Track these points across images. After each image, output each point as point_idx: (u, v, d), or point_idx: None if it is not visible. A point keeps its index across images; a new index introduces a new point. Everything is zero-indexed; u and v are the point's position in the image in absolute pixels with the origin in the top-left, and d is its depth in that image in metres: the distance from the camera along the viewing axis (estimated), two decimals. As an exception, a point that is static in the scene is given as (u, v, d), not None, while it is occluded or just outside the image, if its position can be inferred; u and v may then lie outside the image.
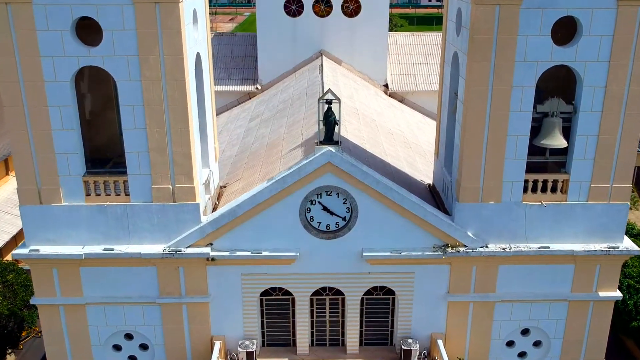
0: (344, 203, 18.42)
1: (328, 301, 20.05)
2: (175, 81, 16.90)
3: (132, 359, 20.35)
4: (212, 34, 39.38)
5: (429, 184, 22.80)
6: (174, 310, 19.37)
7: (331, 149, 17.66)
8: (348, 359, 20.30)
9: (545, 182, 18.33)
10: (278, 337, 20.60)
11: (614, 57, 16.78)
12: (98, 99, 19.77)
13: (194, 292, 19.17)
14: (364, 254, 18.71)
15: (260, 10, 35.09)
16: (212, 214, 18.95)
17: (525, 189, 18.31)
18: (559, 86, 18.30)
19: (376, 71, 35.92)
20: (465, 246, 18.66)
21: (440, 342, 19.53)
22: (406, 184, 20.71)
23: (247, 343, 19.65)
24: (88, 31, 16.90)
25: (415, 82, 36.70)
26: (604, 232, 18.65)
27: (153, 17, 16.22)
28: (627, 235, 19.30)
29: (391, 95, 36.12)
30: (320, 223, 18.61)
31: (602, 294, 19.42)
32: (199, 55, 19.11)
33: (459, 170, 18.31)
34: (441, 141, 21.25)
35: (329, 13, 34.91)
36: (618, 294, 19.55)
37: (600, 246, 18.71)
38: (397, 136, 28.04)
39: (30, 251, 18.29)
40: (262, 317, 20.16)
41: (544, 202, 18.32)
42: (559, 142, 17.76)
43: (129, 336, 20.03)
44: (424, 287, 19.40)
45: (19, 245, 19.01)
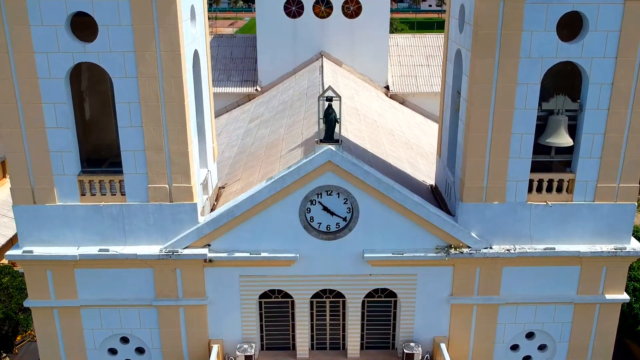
0: (344, 203, 18.05)
1: (328, 304, 19.67)
2: (172, 78, 16.53)
3: (128, 363, 19.94)
4: (211, 35, 39.23)
5: (430, 185, 22.44)
6: (171, 313, 18.97)
7: (331, 147, 17.29)
8: (349, 363, 19.90)
9: (550, 181, 17.94)
10: (277, 341, 20.20)
11: (621, 54, 16.40)
12: (94, 97, 19.44)
13: (191, 295, 18.77)
14: (365, 255, 18.32)
15: (260, 11, 34.82)
16: (210, 214, 18.56)
17: (530, 189, 17.92)
18: (564, 83, 17.94)
19: (377, 73, 35.63)
20: (469, 247, 18.27)
21: (443, 346, 19.12)
22: (408, 184, 20.32)
23: (246, 347, 19.28)
24: (83, 27, 16.56)
25: (416, 83, 36.40)
26: (610, 233, 18.25)
27: (149, 12, 15.87)
28: (634, 237, 18.88)
29: (392, 97, 35.82)
30: (321, 223, 18.22)
31: (608, 296, 19.01)
32: (196, 53, 18.77)
33: (463, 170, 17.93)
34: (443, 141, 20.89)
35: (329, 14, 34.65)
36: (625, 296, 19.13)
37: (606, 247, 18.31)
38: (399, 137, 27.69)
39: (24, 252, 17.89)
40: (260, 320, 19.76)
41: (549, 202, 17.93)
42: (564, 140, 17.38)
43: (124, 339, 19.63)
44: (427, 290, 19.00)
45: (13, 246, 18.60)
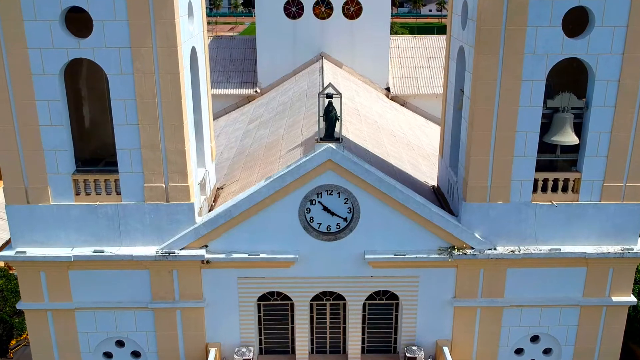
0: (345, 203, 17.66)
1: (328, 306, 19.25)
2: (169, 74, 16.17)
3: (124, 367, 19.49)
4: (211, 37, 38.95)
5: (433, 186, 22.06)
6: (168, 316, 18.55)
7: (332, 145, 16.92)
8: (349, 367, 19.49)
9: (555, 181, 17.57)
10: (276, 344, 19.77)
11: (628, 50, 16.02)
12: (92, 96, 19.11)
13: (188, 297, 18.35)
14: (366, 257, 17.92)
15: (260, 12, 34.51)
16: (208, 214, 18.16)
17: (535, 189, 17.54)
18: (569, 81, 17.58)
19: (377, 74, 35.29)
20: (473, 248, 17.87)
21: (446, 350, 18.71)
22: (409, 185, 19.92)
23: (244, 350, 18.87)
24: (78, 23, 16.22)
25: (417, 85, 36.05)
26: (617, 233, 17.86)
27: (146, 7, 15.53)
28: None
29: (393, 99, 35.48)
30: (321, 224, 17.83)
31: (615, 298, 18.61)
32: (194, 50, 18.41)
33: (466, 169, 17.54)
34: (446, 140, 20.51)
35: (329, 15, 34.35)
36: (632, 299, 18.72)
37: (613, 248, 17.92)
38: (400, 138, 27.32)
39: (17, 253, 17.50)
40: (259, 323, 19.33)
41: (554, 202, 17.54)
42: (570, 138, 17.00)
43: (120, 343, 19.20)
44: (429, 292, 18.59)
45: (6, 247, 18.21)
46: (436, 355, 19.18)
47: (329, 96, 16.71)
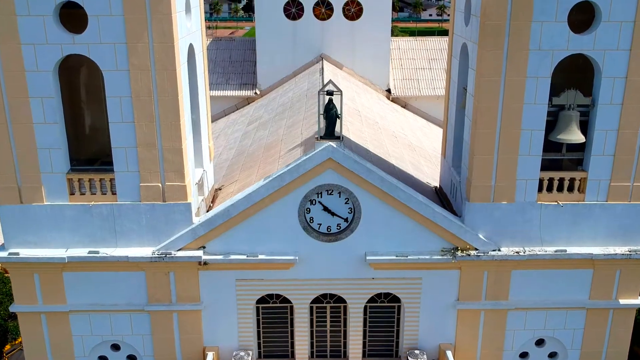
0: (346, 203, 17.26)
1: (329, 309, 18.81)
2: (166, 71, 15.82)
3: (120, 371, 19.07)
4: (210, 39, 38.63)
5: (435, 187, 21.68)
6: (164, 319, 18.13)
7: (332, 144, 16.53)
8: (350, 371, 19.07)
9: (561, 180, 17.17)
10: (275, 348, 19.32)
11: (635, 45, 15.64)
12: (86, 94, 18.73)
13: (185, 299, 17.94)
14: (368, 258, 17.50)
15: (260, 13, 34.19)
16: (205, 214, 17.77)
17: (540, 188, 17.14)
18: (575, 78, 17.18)
19: (378, 76, 34.95)
20: (476, 249, 17.46)
21: (449, 354, 18.27)
22: (411, 185, 19.50)
23: (242, 354, 18.46)
24: (73, 20, 15.87)
25: (418, 87, 35.71)
26: (624, 234, 17.45)
27: (142, 1, 15.21)
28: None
29: (394, 100, 35.13)
30: (321, 224, 17.43)
31: (622, 301, 18.18)
32: (192, 47, 18.06)
33: (469, 168, 17.15)
34: (449, 139, 20.13)
35: (329, 16, 34.02)
36: (640, 301, 18.34)
37: (620, 250, 17.51)
38: (401, 139, 26.96)
39: (10, 254, 17.09)
40: (258, 326, 18.89)
41: (560, 202, 17.14)
42: (576, 137, 16.61)
43: (115, 347, 18.78)
44: (432, 294, 18.17)
45: (-2, 248, 17.81)
46: (439, 359, 18.74)
47: (330, 93, 16.36)
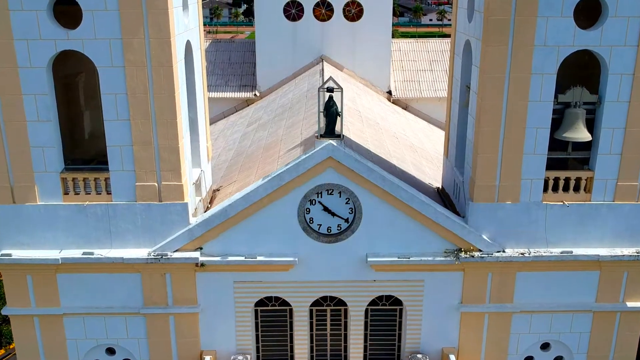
0: (346, 203, 16.88)
1: (329, 312, 18.41)
2: (162, 67, 15.46)
3: (115, 376, 18.65)
4: (209, 41, 38.35)
5: (437, 188, 21.29)
6: (160, 322, 17.73)
7: (333, 142, 16.16)
8: (351, 376, 18.64)
9: (567, 180, 16.79)
10: (274, 352, 18.91)
11: (643, 41, 15.34)
12: (82, 91, 18.41)
13: (182, 302, 17.53)
14: (369, 260, 17.11)
15: (259, 14, 33.88)
16: (202, 214, 17.38)
17: (546, 188, 16.76)
18: (581, 74, 16.84)
19: (379, 77, 34.57)
20: (480, 251, 17.06)
21: (452, 358, 17.87)
22: (413, 186, 19.11)
23: (240, 358, 18.05)
24: (67, 14, 15.52)
25: (419, 88, 35.34)
26: (632, 235, 17.05)
27: (137, -5, 14.87)
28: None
29: (394, 102, 34.76)
30: (321, 225, 17.04)
31: (630, 304, 17.76)
32: (189, 45, 17.71)
33: (473, 168, 16.77)
34: (451, 139, 19.75)
35: (330, 17, 33.68)
36: (648, 304, 17.90)
37: (628, 251, 17.10)
38: (403, 140, 26.59)
39: (2, 255, 16.68)
40: (256, 329, 18.49)
41: (566, 202, 16.75)
42: (582, 135, 16.22)
43: (110, 351, 18.36)
44: (435, 297, 17.76)
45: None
46: (442, 363, 18.37)
47: (330, 90, 16.00)
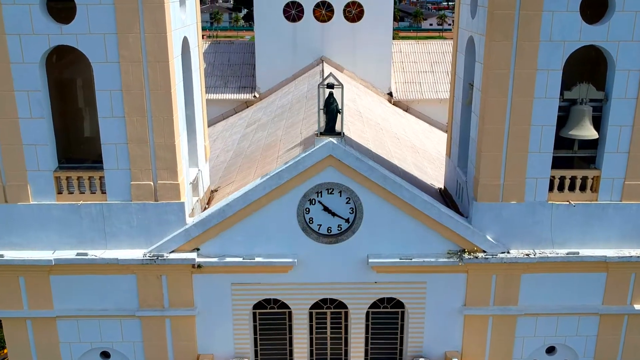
0: (347, 203, 16.47)
1: (329, 315, 17.99)
2: (158, 63, 15.07)
3: (110, 380, 18.23)
4: (208, 42, 38.01)
5: (439, 188, 20.89)
6: (156, 325, 17.31)
7: (333, 140, 15.77)
8: (352, 380, 18.20)
9: (573, 179, 16.39)
10: (273, 356, 18.49)
11: (651, 36, 14.98)
12: (77, 89, 18.04)
13: (179, 304, 17.12)
14: (370, 261, 16.70)
15: (259, 15, 33.55)
16: (199, 214, 16.97)
17: (551, 187, 16.36)
18: (588, 71, 16.47)
19: (380, 79, 34.21)
20: (484, 252, 16.64)
21: (455, 362, 17.47)
22: (415, 186, 18.72)
23: (238, 362, 17.65)
24: (61, 9, 15.19)
25: (420, 90, 34.98)
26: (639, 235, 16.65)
27: (133, -11, 14.52)
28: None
29: (395, 104, 34.40)
30: (321, 225, 16.63)
31: (637, 306, 17.31)
32: (186, 41, 17.34)
33: (477, 166, 16.37)
34: (454, 138, 19.36)
35: (330, 18, 33.35)
36: (656, 306, 17.47)
37: (635, 252, 16.68)
38: (404, 141, 26.20)
39: (-6, 256, 16.31)
40: (254, 333, 18.08)
41: (572, 202, 16.34)
42: (589, 132, 15.83)
43: (105, 354, 17.93)
44: (438, 299, 17.35)
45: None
46: (445, 367, 17.93)
47: (330, 86, 15.63)
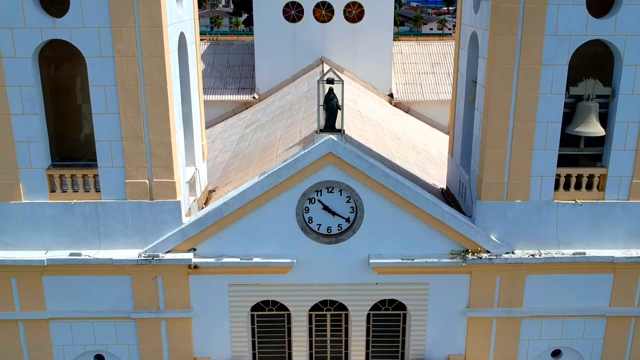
0: (347, 202, 16.08)
1: (329, 317, 17.57)
2: (154, 58, 14.70)
3: (104, 384, 17.78)
4: (207, 43, 37.68)
5: (442, 188, 20.50)
6: (152, 327, 16.89)
7: (333, 137, 15.38)
8: (352, 385, 17.75)
9: (579, 177, 16.01)
10: (271, 359, 18.03)
11: (660, 31, 14.61)
12: (72, 85, 17.65)
13: (175, 306, 16.71)
14: (371, 261, 16.28)
15: (258, 16, 33.24)
16: (196, 214, 16.57)
17: (557, 186, 15.96)
18: (594, 66, 16.09)
19: (380, 80, 33.87)
20: (488, 252, 16.23)
21: (459, 365, 17.03)
22: (417, 185, 18.35)
23: (236, 366, 17.22)
24: (55, 3, 14.85)
25: (421, 91, 34.64)
26: (647, 235, 16.28)
27: (128, -18, 14.17)
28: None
29: (396, 105, 34.05)
30: (321, 225, 16.23)
31: (645, 308, 16.96)
32: (183, 37, 16.99)
33: (480, 165, 15.98)
34: (457, 136, 18.98)
35: (330, 18, 33.03)
36: (664, 308, 17.05)
37: (643, 252, 16.32)
38: (405, 142, 25.83)
39: (-15, 256, 15.91)
40: (253, 335, 17.65)
41: (578, 201, 15.94)
42: (595, 129, 15.44)
43: (99, 357, 17.49)
44: (440, 301, 16.93)
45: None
46: (448, 371, 17.49)
47: (330, 82, 15.26)
